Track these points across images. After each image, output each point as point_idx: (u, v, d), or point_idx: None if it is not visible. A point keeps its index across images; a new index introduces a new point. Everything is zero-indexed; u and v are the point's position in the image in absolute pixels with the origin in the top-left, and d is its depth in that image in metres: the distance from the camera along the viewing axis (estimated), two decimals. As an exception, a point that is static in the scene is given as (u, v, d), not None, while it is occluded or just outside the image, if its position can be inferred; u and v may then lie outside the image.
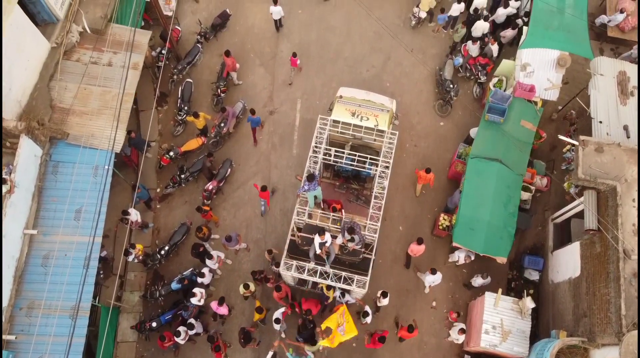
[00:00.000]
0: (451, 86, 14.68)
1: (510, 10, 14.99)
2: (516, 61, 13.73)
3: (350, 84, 15.41)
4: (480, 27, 14.75)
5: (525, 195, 13.29)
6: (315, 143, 12.35)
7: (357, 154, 12.25)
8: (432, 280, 12.64)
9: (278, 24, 15.97)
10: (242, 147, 14.89)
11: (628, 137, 11.78)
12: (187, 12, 16.39)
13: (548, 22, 13.96)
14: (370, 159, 12.24)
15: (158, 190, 14.48)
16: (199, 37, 15.41)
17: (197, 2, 16.50)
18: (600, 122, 11.88)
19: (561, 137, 11.81)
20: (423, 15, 15.76)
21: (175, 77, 15.05)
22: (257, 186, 13.24)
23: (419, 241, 12.42)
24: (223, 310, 12.26)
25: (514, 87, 13.28)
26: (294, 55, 14.78)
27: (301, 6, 16.50)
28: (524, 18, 14.89)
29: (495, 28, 15.55)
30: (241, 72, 15.51)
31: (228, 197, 14.41)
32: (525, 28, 14.07)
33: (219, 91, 14.73)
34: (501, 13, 15.01)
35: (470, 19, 15.14)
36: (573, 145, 11.68)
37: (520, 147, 12.93)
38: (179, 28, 15.48)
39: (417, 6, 15.64)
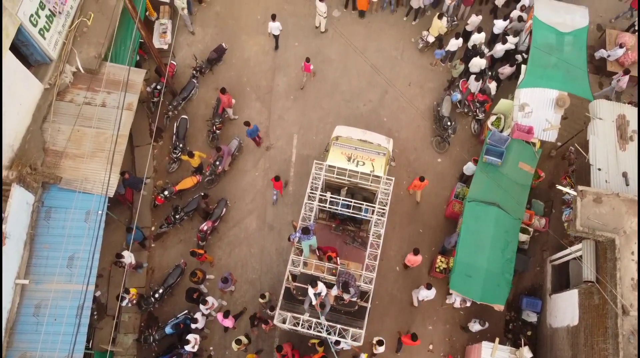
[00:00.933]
0: (449, 123, 14.54)
1: (509, 46, 14.84)
2: (514, 101, 13.59)
3: (347, 119, 15.35)
4: (477, 63, 14.62)
5: (524, 237, 13.17)
6: (311, 189, 12.20)
7: (353, 201, 12.10)
8: (425, 294, 12.67)
9: (277, 42, 15.91)
10: (237, 183, 14.76)
11: (627, 185, 11.64)
12: (183, 45, 16.25)
13: (547, 60, 13.83)
14: (367, 205, 12.11)
15: (153, 228, 14.35)
16: (194, 72, 15.27)
17: (193, 34, 16.36)
18: (599, 169, 11.74)
19: (559, 187, 11.69)
20: (431, 39, 15.63)
21: (170, 113, 14.91)
22: (274, 180, 13.53)
23: (415, 252, 12.59)
24: (228, 323, 12.29)
25: (512, 128, 13.14)
26: (307, 60, 14.54)
27: (297, 39, 16.35)
28: (523, 55, 14.73)
29: (494, 62, 15.42)
30: (237, 107, 15.38)
31: (223, 236, 14.27)
32: (523, 66, 13.93)
33: (214, 128, 14.60)
34: (499, 49, 14.87)
35: (468, 55, 15.00)
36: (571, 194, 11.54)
37: (518, 190, 12.79)
38: (174, 62, 15.34)
39: (427, 30, 15.56)
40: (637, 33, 15.80)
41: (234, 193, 14.63)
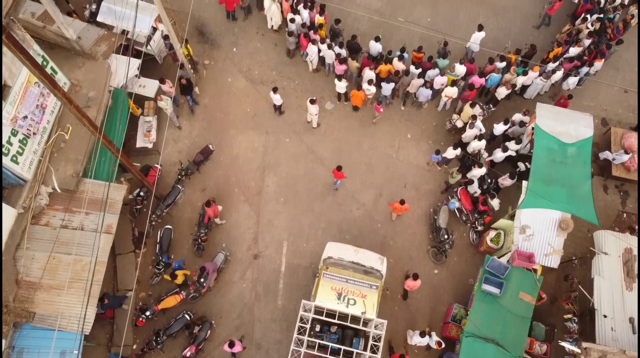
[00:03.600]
0: (446, 236, 13.84)
1: (510, 153, 14.14)
2: (515, 221, 12.89)
3: (340, 225, 14.71)
4: (476, 174, 13.92)
5: (524, 367, 12.49)
6: (298, 333, 11.51)
7: (343, 347, 11.46)
8: (417, 340, 12.46)
9: (280, 109, 15.50)
10: (223, 297, 14.06)
11: (634, 333, 10.95)
12: (169, 140, 15.54)
13: (549, 174, 13.15)
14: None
15: (135, 347, 13.66)
16: (179, 176, 14.58)
17: (179, 129, 15.67)
18: (605, 316, 11.03)
19: (562, 343, 10.98)
20: (459, 124, 15.05)
21: (154, 222, 14.23)
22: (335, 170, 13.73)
23: (415, 277, 12.72)
24: (237, 348, 12.34)
25: (512, 255, 12.45)
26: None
27: (288, 134, 15.66)
28: (527, 164, 14.02)
29: (493, 165, 14.73)
30: (224, 210, 14.69)
31: (208, 355, 13.58)
32: (524, 183, 13.22)
33: (199, 240, 13.91)
34: (499, 156, 14.17)
35: (466, 164, 14.31)
36: (576, 340, 10.85)
37: (519, 324, 12.09)
38: (159, 166, 14.63)
39: (458, 113, 14.96)
40: None
41: (220, 307, 13.93)
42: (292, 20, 15.33)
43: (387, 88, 14.90)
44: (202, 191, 14.99)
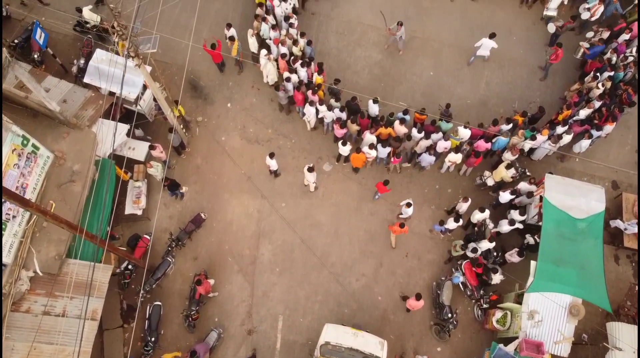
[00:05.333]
0: (449, 314, 13.14)
1: (517, 225, 13.44)
2: (523, 306, 12.21)
3: (337, 298, 14.07)
4: (484, 246, 13.24)
5: None
6: None
7: None
8: None
9: (275, 173, 14.93)
10: (216, 376, 13.41)
11: None
12: (160, 205, 14.85)
13: (559, 253, 12.45)
14: None
15: None
16: (169, 248, 13.90)
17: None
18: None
19: None
20: (490, 183, 14.49)
21: (142, 298, 13.53)
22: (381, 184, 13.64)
23: (418, 298, 12.54)
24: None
25: (520, 345, 11.75)
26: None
27: (284, 198, 14.97)
28: (536, 238, 13.32)
29: (499, 234, 14.02)
30: (217, 281, 14.01)
31: None
32: (532, 263, 12.53)
33: (190, 318, 13.22)
34: (506, 228, 13.47)
35: (471, 238, 13.62)
36: None
37: (527, 419, 11.43)
38: (148, 237, 13.94)
39: (491, 171, 14.46)
40: None
41: (212, 388, 13.28)
42: (288, 79, 14.64)
43: (383, 152, 14.20)
44: (194, 260, 14.31)
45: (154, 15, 12.01)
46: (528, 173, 14.48)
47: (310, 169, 13.72)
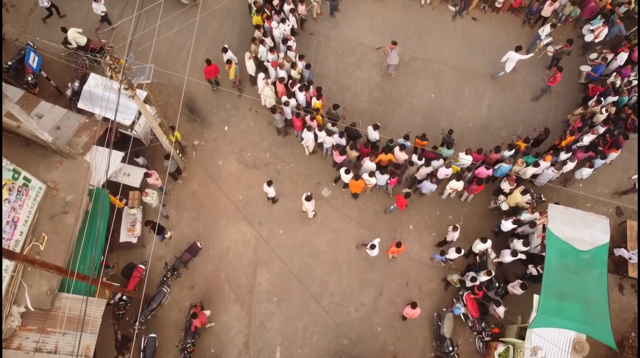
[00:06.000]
0: (450, 347, 12.86)
1: (520, 256, 13.16)
2: (526, 342, 11.93)
3: (336, 330, 13.80)
4: (485, 279, 12.95)
5: None
6: None
7: None
8: None
9: (273, 199, 14.70)
10: (212, 410, 13.14)
11: None
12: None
13: (562, 287, 12.20)
14: None
15: None
16: (164, 278, 13.63)
17: (167, 218, 14.70)
18: None
19: None
20: (505, 207, 14.15)
21: (137, 330, 13.25)
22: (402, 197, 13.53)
23: (413, 306, 12.59)
24: None
25: (523, 384, 11.49)
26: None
27: (282, 224, 14.70)
28: (539, 269, 13.04)
29: (501, 264, 13.76)
30: (213, 311, 13.74)
31: None
32: (535, 296, 12.26)
33: (186, 352, 12.94)
34: (508, 259, 13.19)
35: (472, 269, 13.34)
36: None
37: None
38: (143, 266, 13.67)
39: (506, 196, 14.12)
40: None
41: None
42: (287, 104, 14.36)
43: (382, 179, 13.92)
44: (190, 288, 14.04)
45: (149, 46, 11.71)
46: (544, 199, 14.16)
47: (308, 198, 13.43)
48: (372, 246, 13.07)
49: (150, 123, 12.62)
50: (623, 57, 15.31)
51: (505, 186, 13.89)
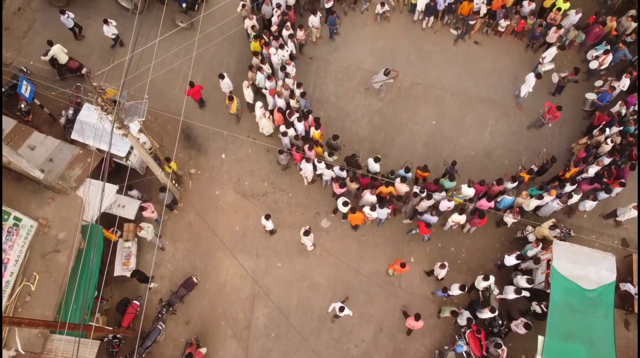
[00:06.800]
0: (453, 388, 12.58)
1: (524, 293, 12.84)
2: (530, 386, 11.63)
3: (336, 366, 13.41)
4: (487, 316, 12.66)
5: None
6: None
7: None
8: None
9: (271, 232, 14.42)
10: None
11: None
12: (151, 263, 14.17)
13: (567, 327, 11.93)
14: None
15: None
16: (159, 314, 13.31)
17: (162, 250, 14.39)
18: None
19: None
20: (531, 238, 13.91)
21: (131, 369, 12.97)
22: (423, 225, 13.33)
23: (417, 318, 12.50)
24: None
25: None
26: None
27: (280, 257, 14.38)
28: (542, 307, 12.73)
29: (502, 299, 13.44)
30: (210, 347, 13.40)
31: None
32: (540, 338, 11.95)
33: (181, 392, 12.65)
34: (512, 296, 12.86)
35: (474, 306, 13.03)
36: None
37: None
38: (137, 302, 13.35)
39: (533, 227, 13.95)
40: None
41: None
42: (285, 134, 14.05)
43: (383, 213, 13.59)
44: (186, 324, 13.73)
45: (144, 84, 11.37)
46: (572, 234, 13.80)
47: (307, 233, 13.11)
48: (342, 309, 12.59)
49: (144, 159, 12.30)
50: (626, 82, 15.01)
51: (509, 220, 13.57)
